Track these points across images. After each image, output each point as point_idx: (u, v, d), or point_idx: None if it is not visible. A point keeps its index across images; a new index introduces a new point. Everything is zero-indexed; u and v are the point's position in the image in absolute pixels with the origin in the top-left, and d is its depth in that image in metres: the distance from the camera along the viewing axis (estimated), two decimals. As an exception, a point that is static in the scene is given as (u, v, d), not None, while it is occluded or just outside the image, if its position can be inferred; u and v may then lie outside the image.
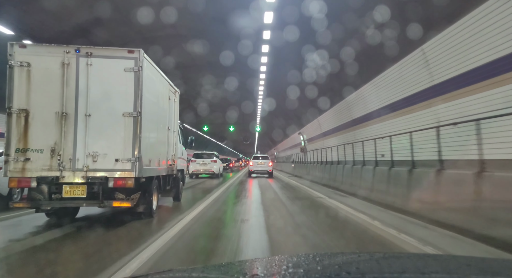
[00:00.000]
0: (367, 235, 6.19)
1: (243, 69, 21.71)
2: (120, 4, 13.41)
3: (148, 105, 6.95)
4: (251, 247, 5.30)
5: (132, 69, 6.41)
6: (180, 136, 10.76)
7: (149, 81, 7.02)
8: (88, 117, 6.25)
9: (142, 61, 6.49)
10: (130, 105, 6.40)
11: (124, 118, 6.38)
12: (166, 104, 8.53)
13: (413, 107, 10.68)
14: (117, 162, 6.31)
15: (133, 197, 6.66)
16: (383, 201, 9.40)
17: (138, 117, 6.40)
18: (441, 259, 1.63)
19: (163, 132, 8.32)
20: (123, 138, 6.37)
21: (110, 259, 4.36)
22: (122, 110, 6.38)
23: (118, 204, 6.42)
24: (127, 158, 6.33)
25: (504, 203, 5.37)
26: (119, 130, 6.37)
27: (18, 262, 4.54)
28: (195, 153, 23.83)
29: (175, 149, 9.48)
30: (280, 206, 10.09)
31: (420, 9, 8.62)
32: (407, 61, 10.37)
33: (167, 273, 1.27)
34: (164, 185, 8.88)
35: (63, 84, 6.19)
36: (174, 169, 9.36)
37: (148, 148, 7.06)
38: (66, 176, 6.16)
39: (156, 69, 7.49)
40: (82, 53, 6.29)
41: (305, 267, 1.24)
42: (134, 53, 6.43)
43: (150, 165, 7.15)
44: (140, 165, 6.44)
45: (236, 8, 13.95)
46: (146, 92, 6.79)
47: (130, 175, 6.33)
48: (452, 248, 5.09)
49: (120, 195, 6.54)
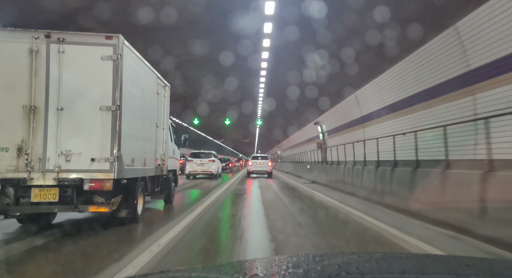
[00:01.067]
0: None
1: (243, 69, 21.16)
2: (119, 4, 12.85)
3: (130, 98, 6.24)
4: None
5: (110, 57, 5.70)
6: (171, 134, 10.05)
7: (131, 72, 6.31)
8: (60, 111, 5.54)
9: (122, 48, 5.78)
10: (108, 98, 5.69)
11: (101, 112, 5.67)
12: (153, 99, 7.82)
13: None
14: (94, 162, 5.60)
15: (114, 201, 5.95)
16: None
17: (117, 111, 5.69)
18: (441, 259, 1.60)
19: (150, 129, 7.61)
20: (101, 135, 5.66)
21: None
22: (99, 103, 5.67)
23: (95, 209, 5.72)
24: (105, 158, 5.63)
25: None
26: (96, 126, 5.66)
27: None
28: (192, 152, 22.91)
29: (165, 147, 8.77)
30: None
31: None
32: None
33: (167, 273, 1.27)
34: (153, 187, 8.17)
35: (32, 74, 5.48)
36: (164, 170, 8.65)
37: (131, 146, 6.36)
38: (35, 178, 5.45)
39: (140, 59, 6.78)
40: (53, 39, 5.58)
41: (305, 267, 1.23)
42: (113, 40, 5.72)
43: (134, 165, 6.44)
44: (120, 165, 5.74)
45: (236, 8, 13.58)
46: (128, 83, 6.08)
47: (108, 177, 5.63)
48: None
49: (99, 198, 5.83)
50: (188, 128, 38.34)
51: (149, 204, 9.71)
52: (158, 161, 8.20)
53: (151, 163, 7.65)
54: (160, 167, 8.34)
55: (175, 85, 22.91)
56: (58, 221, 6.95)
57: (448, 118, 8.36)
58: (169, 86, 9.13)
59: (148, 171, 7.45)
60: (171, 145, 9.92)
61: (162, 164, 8.51)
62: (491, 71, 7.09)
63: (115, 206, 5.97)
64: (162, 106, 8.57)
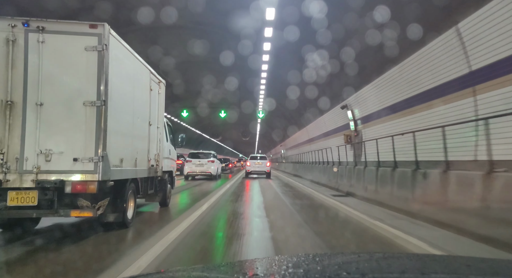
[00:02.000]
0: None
1: (243, 69, 20.70)
2: (120, 4, 12.47)
3: (118, 94, 5.76)
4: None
5: (94, 47, 5.22)
6: (167, 133, 9.56)
7: (119, 65, 5.83)
8: (40, 106, 5.06)
9: (108, 38, 5.30)
10: (93, 92, 5.21)
11: (85, 108, 5.19)
12: (145, 95, 7.33)
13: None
14: (76, 162, 5.11)
15: (100, 205, 5.46)
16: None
17: (103, 107, 5.21)
18: (441, 259, 1.58)
19: (141, 127, 7.12)
20: (84, 133, 5.18)
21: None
22: (83, 98, 5.19)
23: (78, 214, 5.23)
24: (89, 157, 5.14)
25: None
26: (79, 122, 5.18)
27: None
28: (190, 153, 22.24)
29: (159, 147, 8.28)
30: None
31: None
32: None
33: (167, 273, 1.25)
34: (146, 189, 7.69)
35: (8, 66, 5.00)
36: (158, 171, 8.16)
37: (119, 145, 5.87)
38: (12, 179, 4.97)
39: (130, 52, 6.30)
40: (32, 28, 5.10)
41: (305, 267, 1.22)
42: (97, 28, 5.24)
43: (122, 166, 5.95)
44: (105, 165, 5.25)
45: (237, 8, 13.27)
46: (115, 77, 5.60)
47: (92, 178, 5.14)
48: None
49: (84, 202, 5.34)
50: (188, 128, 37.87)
51: (144, 207, 9.23)
52: (152, 162, 7.71)
53: (143, 164, 7.17)
54: (153, 168, 7.85)
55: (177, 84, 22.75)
56: (45, 225, 6.50)
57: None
58: (164, 83, 8.65)
59: (140, 172, 6.96)
60: (167, 145, 9.43)
61: (156, 165, 8.02)
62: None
63: (101, 210, 5.48)
64: (156, 103, 8.08)
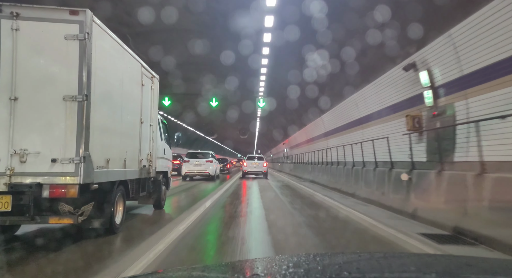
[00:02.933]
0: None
1: (243, 69, 20.30)
2: (120, 3, 11.99)
3: (103, 88, 5.25)
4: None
5: (75, 36, 4.70)
6: (161, 132, 9.05)
7: (105, 56, 5.32)
8: (14, 101, 4.56)
9: (91, 26, 4.79)
10: (74, 86, 4.70)
11: (65, 103, 4.68)
12: (136, 90, 6.82)
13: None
14: (55, 163, 4.61)
15: (83, 210, 4.96)
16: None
17: (85, 102, 4.70)
18: (441, 259, 1.55)
19: (132, 124, 6.61)
20: (64, 131, 4.67)
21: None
22: (62, 92, 4.68)
23: (56, 220, 4.73)
24: (69, 158, 4.63)
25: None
26: (58, 119, 4.68)
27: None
28: (188, 153, 21.68)
29: (152, 146, 7.76)
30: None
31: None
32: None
33: (167, 273, 1.23)
34: (137, 192, 7.18)
35: (-22, 56, 4.51)
36: (151, 171, 7.64)
37: (105, 144, 5.37)
38: None
39: (118, 43, 5.78)
40: (5, 14, 4.59)
41: (306, 267, 1.21)
42: (79, 15, 4.73)
43: (109, 167, 5.44)
44: (88, 167, 4.74)
45: (237, 8, 12.92)
46: (100, 69, 5.09)
47: (72, 181, 4.63)
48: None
49: (66, 207, 4.84)
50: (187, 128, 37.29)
51: (137, 209, 8.74)
52: (144, 162, 7.20)
53: (134, 164, 6.65)
54: (146, 168, 7.34)
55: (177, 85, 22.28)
56: (28, 230, 6.01)
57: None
58: (158, 78, 8.13)
59: (130, 173, 6.45)
60: (161, 144, 8.92)
61: (149, 165, 7.51)
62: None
63: (85, 216, 4.97)
64: (149, 99, 7.57)
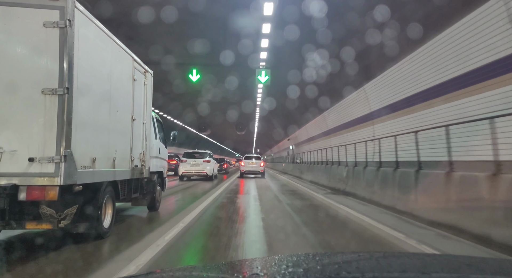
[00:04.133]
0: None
1: (243, 69, 19.91)
2: (119, 3, 11.68)
3: (88, 80, 4.84)
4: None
5: (55, 23, 4.29)
6: (156, 130, 8.63)
7: (90, 46, 4.90)
8: (-12, 95, 4.16)
9: (72, 12, 4.38)
10: (54, 78, 4.29)
11: (44, 97, 4.27)
12: (127, 85, 6.41)
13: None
14: (33, 162, 4.20)
15: (67, 214, 4.56)
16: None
17: (66, 96, 4.29)
18: (441, 259, 1.58)
19: (122, 122, 6.20)
20: (43, 127, 4.27)
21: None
22: (41, 85, 4.27)
23: (34, 226, 4.33)
24: (48, 157, 4.22)
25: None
26: (36, 114, 4.27)
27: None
28: (185, 152, 21.26)
29: (146, 145, 7.35)
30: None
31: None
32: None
33: (167, 272, 1.24)
34: (129, 193, 6.77)
35: None
36: (144, 172, 7.22)
37: (90, 142, 4.96)
38: None
39: (104, 33, 5.36)
40: (-23, -2, 4.20)
41: (305, 267, 1.21)
42: (59, 0, 4.32)
43: (95, 167, 5.03)
44: (70, 166, 4.34)
45: (237, 8, 12.83)
46: (84, 60, 4.67)
47: (52, 182, 4.23)
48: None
49: (48, 210, 4.44)
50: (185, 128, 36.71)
51: (130, 210, 8.33)
52: (136, 162, 6.79)
53: (125, 164, 6.24)
54: (138, 168, 6.92)
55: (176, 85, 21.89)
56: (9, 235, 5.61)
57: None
58: (152, 73, 7.72)
59: (120, 173, 6.04)
60: (156, 142, 8.50)
61: (141, 165, 7.09)
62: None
63: (68, 221, 4.57)
64: (142, 95, 7.16)
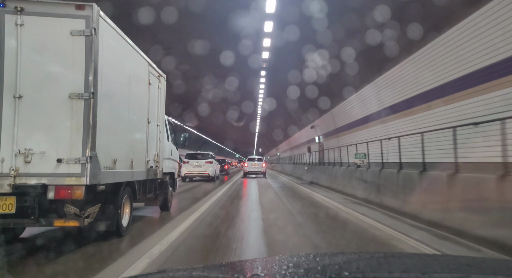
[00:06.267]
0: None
1: (243, 69, 20.15)
2: (119, 2, 11.88)
3: (110, 85, 5.09)
4: None
5: (82, 32, 4.54)
6: (168, 132, 8.88)
7: (112, 53, 5.15)
8: (19, 99, 4.40)
9: (97, 21, 4.63)
10: (80, 84, 4.53)
11: (71, 101, 4.52)
12: (144, 89, 6.66)
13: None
14: (61, 163, 4.44)
15: (90, 212, 4.80)
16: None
17: (91, 100, 4.53)
18: (441, 259, 1.57)
19: (139, 124, 6.44)
20: (70, 130, 4.51)
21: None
22: (68, 90, 4.52)
23: (62, 223, 4.56)
24: (75, 158, 4.46)
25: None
26: (64, 118, 4.51)
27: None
28: (188, 154, 21.42)
29: (159, 147, 7.59)
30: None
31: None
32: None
33: (167, 273, 1.24)
34: (144, 193, 7.01)
35: (-19, 53, 4.35)
36: (158, 173, 7.46)
37: (112, 144, 5.20)
38: None
39: (124, 39, 5.62)
40: (9, 8, 4.43)
41: (305, 267, 1.20)
42: (85, 10, 4.56)
43: (116, 168, 5.27)
44: (95, 167, 4.58)
45: (237, 8, 12.86)
46: (107, 67, 4.92)
47: (78, 182, 4.46)
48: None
49: (72, 209, 4.68)
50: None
51: (143, 210, 8.57)
52: (151, 163, 7.02)
53: (141, 165, 6.48)
54: (153, 169, 7.16)
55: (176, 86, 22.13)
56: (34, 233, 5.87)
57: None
58: (165, 77, 7.97)
59: (137, 174, 6.28)
60: (168, 144, 8.75)
61: (156, 166, 7.33)
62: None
63: (91, 219, 4.81)
64: (156, 98, 7.41)
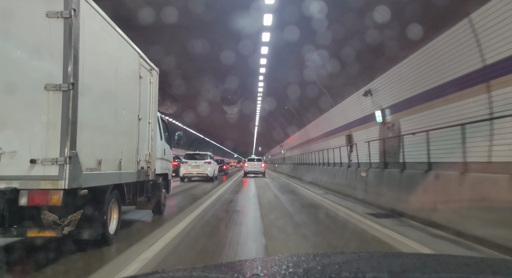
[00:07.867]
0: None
1: (243, 69, 19.86)
2: (119, 2, 11.38)
3: (94, 77, 4.51)
4: None
5: (59, 13, 3.96)
6: (161, 131, 8.30)
7: (96, 39, 4.58)
8: (-14, 91, 3.83)
9: (78, 2, 4.05)
10: (58, 73, 3.96)
11: (47, 93, 3.94)
12: (133, 83, 6.08)
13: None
14: (35, 164, 3.86)
15: (70, 220, 4.24)
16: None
17: (71, 92, 3.96)
18: (441, 259, 1.54)
19: (128, 121, 5.87)
20: (46, 126, 3.93)
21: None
22: (43, 80, 3.94)
23: (36, 233, 3.98)
24: (52, 159, 3.89)
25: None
26: (38, 112, 3.94)
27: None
28: (186, 154, 21.40)
29: (152, 146, 7.02)
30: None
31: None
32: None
33: (168, 273, 1.24)
34: (134, 196, 6.44)
35: None
36: (150, 174, 6.88)
37: (96, 142, 4.63)
38: None
39: (111, 26, 5.04)
40: (-26, -14, 3.87)
41: (305, 267, 1.19)
42: (63, -12, 4.00)
43: (101, 169, 4.69)
44: (75, 169, 4.00)
45: (236, 8, 12.58)
46: (90, 55, 4.35)
47: (56, 186, 3.89)
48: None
49: (50, 216, 4.12)
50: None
51: (133, 214, 7.98)
52: (142, 164, 6.45)
53: (131, 166, 5.91)
54: (144, 170, 6.59)
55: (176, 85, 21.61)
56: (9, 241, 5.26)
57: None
58: (158, 71, 7.38)
59: (126, 176, 5.71)
60: (161, 143, 8.17)
61: (147, 167, 6.76)
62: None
63: (71, 227, 4.25)
64: (148, 94, 6.83)
